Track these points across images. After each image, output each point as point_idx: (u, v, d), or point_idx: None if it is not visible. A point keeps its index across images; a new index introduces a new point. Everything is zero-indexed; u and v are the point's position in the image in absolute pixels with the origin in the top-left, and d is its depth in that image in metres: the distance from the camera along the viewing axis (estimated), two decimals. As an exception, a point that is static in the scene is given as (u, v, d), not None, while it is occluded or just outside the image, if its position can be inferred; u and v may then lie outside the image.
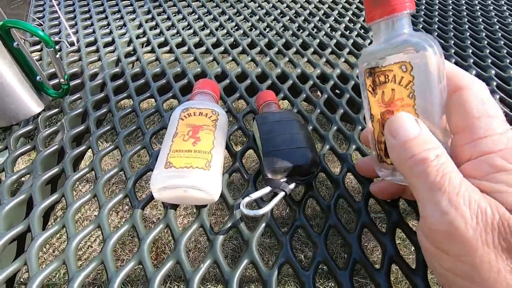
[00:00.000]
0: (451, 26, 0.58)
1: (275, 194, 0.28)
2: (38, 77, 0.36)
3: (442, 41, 0.54)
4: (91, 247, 1.07)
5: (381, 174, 0.25)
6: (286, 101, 0.42)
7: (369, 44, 0.52)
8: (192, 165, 0.26)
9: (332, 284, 0.96)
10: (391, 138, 0.21)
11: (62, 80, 0.37)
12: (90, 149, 0.35)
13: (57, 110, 0.39)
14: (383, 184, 0.27)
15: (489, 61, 0.49)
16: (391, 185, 0.27)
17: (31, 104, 0.37)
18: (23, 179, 0.33)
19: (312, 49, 0.50)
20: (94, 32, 0.54)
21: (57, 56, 0.35)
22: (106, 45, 0.51)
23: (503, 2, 0.68)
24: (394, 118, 0.21)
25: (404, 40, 0.20)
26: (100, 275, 0.98)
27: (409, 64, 0.20)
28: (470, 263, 0.16)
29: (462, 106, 0.20)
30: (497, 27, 0.58)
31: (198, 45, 0.52)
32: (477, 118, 0.19)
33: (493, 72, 0.46)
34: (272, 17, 0.60)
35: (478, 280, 0.16)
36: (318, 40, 0.53)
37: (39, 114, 0.38)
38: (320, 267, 0.26)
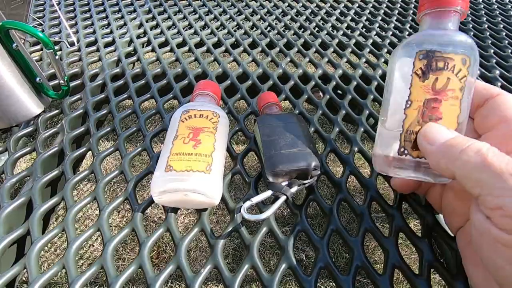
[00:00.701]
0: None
1: (277, 198, 0.28)
2: (38, 78, 0.36)
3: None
4: (93, 246, 1.07)
5: (395, 172, 0.24)
6: (288, 101, 0.41)
7: (372, 44, 0.52)
8: (193, 169, 0.26)
9: (333, 284, 0.96)
10: (428, 145, 0.21)
11: (62, 81, 0.37)
12: (90, 151, 0.35)
13: (57, 111, 0.39)
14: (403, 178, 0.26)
15: (494, 61, 0.48)
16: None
17: (31, 105, 0.37)
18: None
19: (314, 49, 0.50)
20: (94, 32, 0.54)
21: (57, 57, 0.34)
22: (107, 45, 0.51)
23: (507, 1, 0.67)
24: (427, 127, 0.21)
25: (466, 35, 0.22)
26: (102, 274, 0.99)
27: (469, 60, 0.21)
28: None
29: (498, 107, 0.21)
30: (502, 26, 0.58)
31: (199, 45, 0.51)
32: None
33: (497, 72, 0.46)
34: (274, 16, 0.59)
35: None
36: (320, 40, 0.52)
37: (39, 115, 0.38)
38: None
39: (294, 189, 0.27)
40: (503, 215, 0.17)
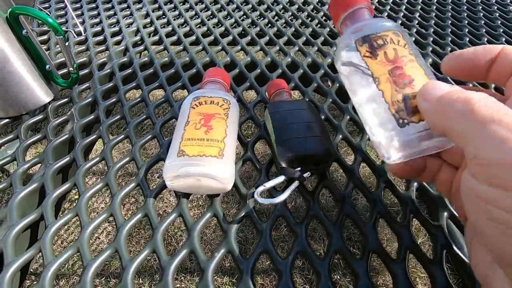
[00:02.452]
0: (450, 7, 0.56)
1: (289, 184, 0.28)
2: (47, 66, 0.36)
3: (439, 21, 0.52)
4: (99, 238, 1.08)
5: (398, 155, 0.21)
6: (297, 91, 0.41)
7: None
8: (205, 154, 0.26)
9: (337, 277, 0.96)
10: (423, 103, 0.19)
11: (71, 68, 0.37)
12: (100, 139, 0.35)
13: (66, 99, 0.39)
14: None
15: (485, 39, 0.48)
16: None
17: (41, 93, 0.37)
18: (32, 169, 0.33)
19: (322, 38, 0.49)
20: (101, 22, 0.53)
21: (66, 44, 0.34)
22: (114, 34, 0.50)
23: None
24: (425, 84, 0.19)
25: (385, 19, 0.24)
26: (108, 266, 1.00)
27: (400, 32, 0.23)
28: None
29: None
30: (495, 8, 0.57)
31: (206, 34, 0.51)
32: None
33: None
34: (281, 6, 0.59)
35: None
36: (328, 29, 0.52)
37: (48, 103, 0.38)
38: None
39: (307, 174, 0.27)
40: (476, 163, 0.15)
